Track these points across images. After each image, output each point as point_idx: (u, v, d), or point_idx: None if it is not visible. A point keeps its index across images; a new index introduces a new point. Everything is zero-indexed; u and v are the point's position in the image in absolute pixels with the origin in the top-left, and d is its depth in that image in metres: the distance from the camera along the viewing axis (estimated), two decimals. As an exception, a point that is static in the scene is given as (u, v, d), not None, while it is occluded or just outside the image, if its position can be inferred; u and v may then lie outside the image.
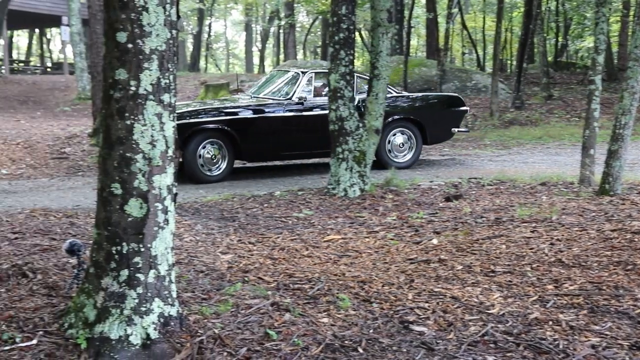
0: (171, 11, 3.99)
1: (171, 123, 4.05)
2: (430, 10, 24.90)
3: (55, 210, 7.46)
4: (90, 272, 4.19)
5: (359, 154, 8.74)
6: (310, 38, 46.08)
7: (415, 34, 39.11)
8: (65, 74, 31.10)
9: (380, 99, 8.96)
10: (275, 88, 11.41)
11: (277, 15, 40.79)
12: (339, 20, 8.66)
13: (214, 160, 10.25)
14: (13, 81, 26.99)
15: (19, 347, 4.04)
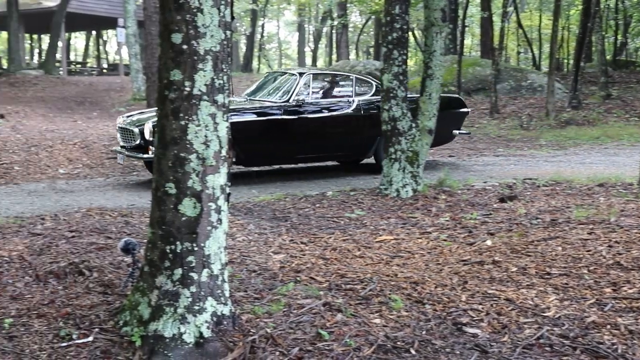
0: (225, 12, 4.01)
1: (225, 123, 4.08)
2: (485, 9, 24.65)
3: (110, 210, 7.57)
4: (144, 270, 4.25)
5: (411, 154, 8.69)
6: (362, 38, 45.98)
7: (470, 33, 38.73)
8: (121, 75, 31.57)
9: (433, 99, 8.89)
10: (272, 90, 11.11)
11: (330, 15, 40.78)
12: (392, 19, 8.62)
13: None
14: (70, 82, 27.49)
15: (76, 343, 4.11)
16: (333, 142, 10.74)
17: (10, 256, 5.55)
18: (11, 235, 6.26)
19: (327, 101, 10.90)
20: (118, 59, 37.95)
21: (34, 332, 4.25)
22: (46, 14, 31.57)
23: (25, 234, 6.30)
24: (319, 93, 11.15)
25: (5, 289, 4.90)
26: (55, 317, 4.43)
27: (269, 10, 46.89)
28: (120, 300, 4.60)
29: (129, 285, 4.83)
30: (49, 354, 4.01)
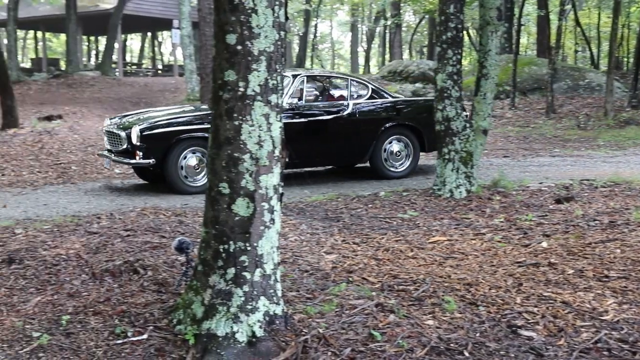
0: (280, 13, 4.02)
1: (278, 123, 4.09)
2: (541, 7, 24.31)
3: (164, 209, 7.66)
4: (198, 269, 4.28)
5: (465, 154, 8.60)
6: (416, 38, 45.78)
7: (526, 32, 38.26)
8: (175, 75, 31.96)
9: (488, 98, 8.79)
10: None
11: (383, 15, 40.69)
12: (446, 19, 8.55)
13: (196, 170, 9.47)
14: (126, 83, 27.94)
15: (131, 341, 4.16)
16: (327, 147, 10.35)
17: (68, 254, 5.65)
18: (68, 234, 6.38)
19: (321, 104, 10.52)
20: (172, 60, 38.42)
21: (90, 329, 4.32)
22: (103, 16, 32.13)
23: (82, 233, 6.41)
24: (313, 96, 10.87)
25: (62, 287, 4.99)
26: (111, 314, 4.50)
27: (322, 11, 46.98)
28: (174, 299, 4.65)
29: (183, 284, 4.87)
30: (104, 351, 4.07)
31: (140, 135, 9.10)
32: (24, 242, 6.06)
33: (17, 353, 4.05)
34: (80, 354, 4.04)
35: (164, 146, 9.21)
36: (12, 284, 5.10)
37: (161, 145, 9.17)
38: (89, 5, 33.66)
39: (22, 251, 5.71)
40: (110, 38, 31.53)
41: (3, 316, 4.54)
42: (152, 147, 9.15)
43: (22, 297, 4.86)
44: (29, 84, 27.76)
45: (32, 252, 5.69)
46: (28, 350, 4.07)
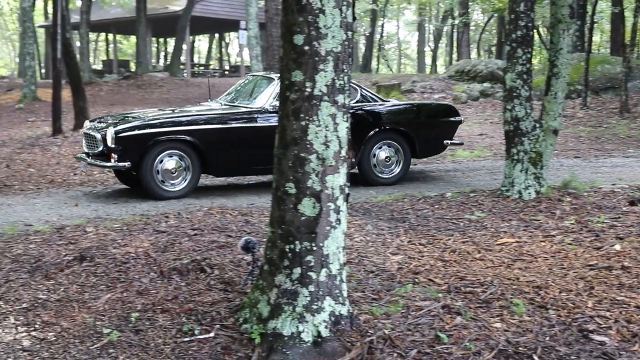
0: (347, 13, 4.01)
1: (345, 124, 4.08)
2: (616, 4, 23.72)
3: (231, 209, 7.72)
4: (264, 269, 4.30)
5: (534, 155, 8.44)
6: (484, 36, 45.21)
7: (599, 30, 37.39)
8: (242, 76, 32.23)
9: (559, 98, 8.61)
10: (249, 95, 10.23)
11: (451, 14, 40.34)
12: (516, 17, 8.41)
13: (173, 174, 9.05)
14: (194, 84, 28.29)
15: (198, 339, 4.21)
16: None
17: (137, 252, 5.75)
18: (137, 232, 6.48)
19: None
20: (239, 60, 38.79)
21: (158, 326, 4.38)
22: (172, 18, 32.65)
23: (151, 231, 6.51)
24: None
25: (131, 284, 5.08)
26: (179, 312, 4.56)
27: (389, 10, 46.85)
28: (240, 298, 4.68)
29: (249, 283, 4.90)
30: (172, 348, 4.12)
31: (115, 137, 8.72)
32: (95, 240, 6.18)
33: (89, 349, 4.13)
34: (148, 351, 4.10)
35: (140, 149, 8.82)
36: (84, 281, 5.21)
37: (137, 148, 8.81)
38: (159, 8, 34.25)
39: (93, 249, 5.83)
40: (179, 39, 32.00)
41: (75, 312, 4.64)
42: (128, 150, 8.78)
43: (93, 294, 4.96)
44: (100, 85, 28.39)
45: (102, 250, 5.80)
46: (98, 346, 4.16)
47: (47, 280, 5.24)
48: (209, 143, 9.13)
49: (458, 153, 13.22)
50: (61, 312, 4.67)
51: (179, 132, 9.02)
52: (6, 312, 4.67)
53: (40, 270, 5.47)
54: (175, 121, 9.25)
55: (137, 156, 8.79)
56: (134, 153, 8.79)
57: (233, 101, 10.13)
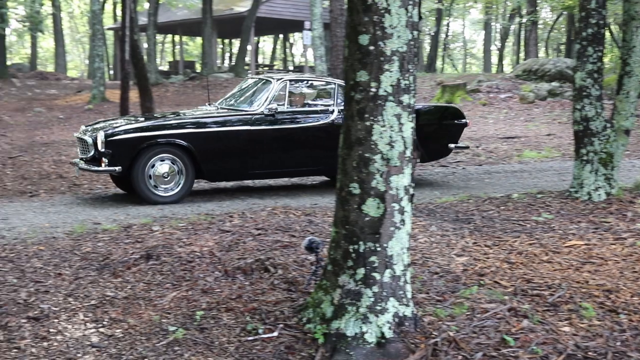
0: (413, 12, 3.98)
1: (410, 124, 4.05)
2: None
3: (294, 208, 7.75)
4: (327, 269, 4.30)
5: (605, 155, 8.25)
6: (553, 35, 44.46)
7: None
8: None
9: (631, 97, 8.39)
10: (246, 98, 9.95)
11: (519, 12, 39.74)
12: (587, 15, 8.23)
13: (166, 179, 8.83)
14: (259, 84, 28.45)
15: (262, 338, 4.23)
16: (308, 156, 9.60)
17: (202, 251, 5.81)
18: (202, 232, 6.55)
19: (304, 110, 9.75)
20: (303, 61, 38.94)
21: (222, 325, 4.42)
22: (237, 19, 32.94)
23: (215, 231, 6.57)
24: (295, 101, 10.16)
25: (197, 283, 5.13)
26: (242, 311, 4.59)
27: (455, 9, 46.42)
28: (304, 298, 4.69)
29: (312, 283, 4.91)
30: (236, 347, 4.15)
31: (106, 140, 8.56)
32: (161, 239, 6.27)
33: (155, 346, 4.19)
34: (213, 349, 4.14)
35: (131, 153, 8.65)
36: (150, 279, 5.29)
37: (127, 152, 8.64)
38: (224, 9, 34.60)
39: (159, 248, 5.92)
40: (244, 40, 32.27)
41: (141, 310, 4.71)
42: (119, 154, 8.60)
43: (159, 292, 5.03)
44: (166, 86, 28.84)
45: (168, 249, 5.88)
46: (164, 344, 4.21)
47: (114, 278, 5.34)
48: (202, 147, 8.93)
49: (525, 153, 13.03)
50: (128, 309, 4.75)
51: (170, 135, 8.84)
52: (76, 308, 4.77)
53: (108, 267, 5.57)
54: (166, 125, 9.04)
55: (128, 160, 8.62)
56: (125, 157, 8.62)
57: (230, 104, 9.88)
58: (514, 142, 14.73)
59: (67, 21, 56.56)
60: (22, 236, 6.80)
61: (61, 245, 6.31)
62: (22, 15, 37.51)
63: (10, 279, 5.32)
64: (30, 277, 5.39)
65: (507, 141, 14.86)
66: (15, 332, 4.39)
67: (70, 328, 4.47)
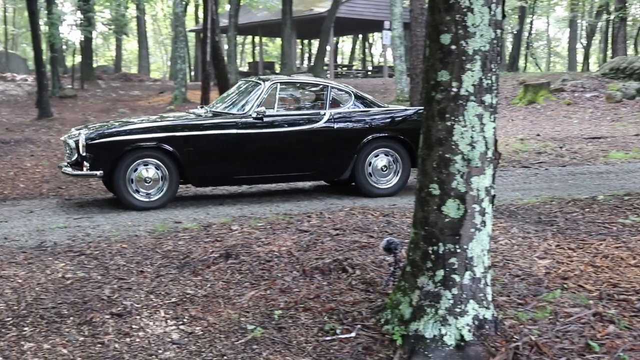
0: (497, 10, 3.92)
1: (492, 124, 3.99)
2: None
3: (372, 209, 7.72)
4: (406, 270, 4.27)
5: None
6: (643, 32, 43.10)
7: None
8: (385, 76, 32.28)
9: None
10: (235, 101, 9.59)
11: (606, 9, 38.70)
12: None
13: (148, 184, 8.56)
14: (338, 84, 28.50)
15: (339, 338, 4.23)
16: (297, 161, 9.23)
17: (280, 251, 5.84)
18: (281, 231, 6.59)
19: (293, 113, 9.46)
20: (382, 61, 38.84)
21: (300, 324, 4.43)
22: (317, 19, 33.09)
23: (293, 231, 6.60)
24: (285, 104, 9.89)
25: (275, 282, 5.16)
26: (320, 311, 4.59)
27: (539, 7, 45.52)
28: (382, 299, 4.67)
29: (391, 284, 4.88)
30: (314, 347, 4.16)
31: (86, 144, 8.36)
32: (240, 239, 6.33)
33: (233, 344, 4.23)
34: (291, 348, 4.15)
35: (112, 157, 8.42)
36: (229, 277, 5.34)
37: (108, 156, 8.41)
38: (304, 10, 34.81)
39: (238, 247, 5.98)
40: (323, 41, 32.39)
41: (220, 308, 4.77)
42: (99, 158, 8.40)
43: (238, 290, 5.08)
44: (246, 86, 29.12)
45: (247, 248, 5.93)
46: (243, 342, 4.25)
47: (194, 276, 5.41)
48: (186, 151, 8.65)
49: (611, 154, 12.67)
50: (208, 307, 4.81)
51: (152, 139, 8.57)
52: (157, 305, 4.85)
53: (188, 266, 5.66)
54: (148, 128, 8.80)
55: (109, 164, 8.41)
56: (106, 161, 8.41)
57: (221, 107, 9.54)
58: (600, 143, 14.34)
59: (151, 24, 57.86)
60: (106, 234, 6.97)
61: (143, 243, 6.44)
62: (108, 18, 38.57)
63: (94, 276, 5.46)
64: (114, 274, 5.52)
65: (593, 141, 14.48)
66: (99, 328, 4.49)
67: (152, 325, 4.55)
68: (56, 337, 4.37)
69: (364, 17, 33.79)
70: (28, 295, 5.00)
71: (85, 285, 5.25)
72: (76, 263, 5.83)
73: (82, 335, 4.41)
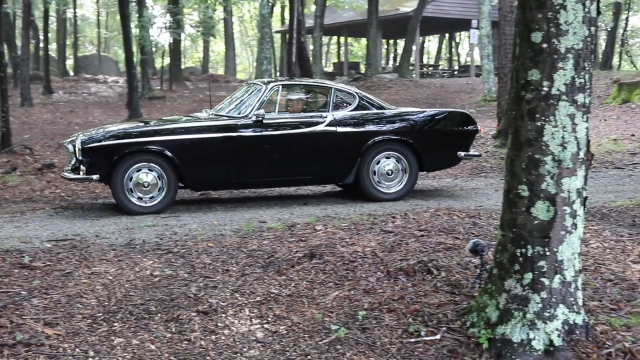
0: (591, 7, 3.81)
1: (584, 124, 3.89)
2: None
3: (458, 210, 7.61)
4: (493, 273, 4.20)
5: None
6: None
7: None
8: (472, 76, 31.87)
9: None
10: (237, 104, 9.39)
11: None
12: None
13: (146, 188, 8.43)
14: (422, 85, 28.35)
15: (424, 340, 4.19)
16: (297, 164, 9.04)
17: (364, 252, 5.82)
18: (365, 232, 6.56)
19: (295, 116, 9.31)
20: (469, 60, 38.38)
21: (384, 325, 4.41)
22: (403, 19, 32.94)
23: (378, 231, 6.57)
24: (287, 107, 9.63)
25: (359, 283, 5.15)
26: (404, 313, 4.56)
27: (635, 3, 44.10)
28: (468, 301, 4.60)
29: (477, 286, 4.81)
30: (398, 348, 4.13)
31: (82, 148, 8.28)
32: (324, 239, 6.34)
33: (317, 344, 4.24)
34: (374, 349, 4.13)
35: (108, 160, 8.32)
36: (313, 277, 5.35)
37: (104, 160, 8.32)
38: (390, 9, 34.70)
39: (322, 247, 5.98)
40: (409, 40, 32.22)
41: (304, 308, 4.78)
42: (96, 162, 8.31)
43: (322, 290, 5.08)
44: (331, 87, 29.20)
45: (331, 248, 5.93)
46: (327, 342, 4.25)
47: (279, 276, 5.45)
48: (184, 155, 8.53)
49: None
50: (292, 306, 4.83)
51: (149, 143, 8.45)
52: (242, 304, 4.90)
53: (272, 265, 5.70)
54: (145, 132, 8.68)
55: (106, 168, 8.34)
56: (102, 165, 8.33)
57: (222, 111, 9.39)
58: (700, 143, 13.81)
59: (237, 25, 58.71)
60: (192, 233, 7.09)
61: (229, 242, 6.52)
62: (196, 20, 39.30)
63: (181, 274, 5.56)
64: (200, 272, 5.60)
65: (690, 142, 13.95)
66: (185, 325, 4.57)
67: (237, 323, 4.60)
68: (144, 333, 4.46)
69: (450, 16, 33.41)
70: (118, 292, 5.13)
71: (172, 282, 5.34)
72: (164, 261, 5.95)
73: (169, 332, 4.49)
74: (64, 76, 39.63)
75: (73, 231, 7.30)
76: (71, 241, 6.70)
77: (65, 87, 32.79)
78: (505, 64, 14.37)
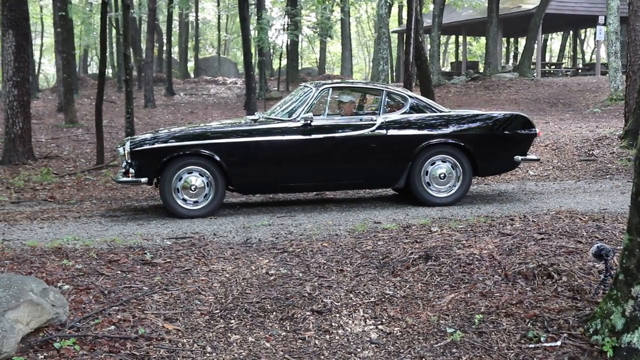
0: None
1: None
2: None
3: (581, 213, 7.35)
4: (619, 278, 4.01)
5: None
6: None
7: None
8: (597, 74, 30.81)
9: None
10: (287, 107, 9.22)
11: None
12: None
13: (193, 191, 8.42)
14: (544, 84, 27.62)
15: (543, 346, 4.06)
16: (346, 168, 8.86)
17: (481, 254, 5.68)
18: (482, 234, 6.42)
19: (344, 119, 9.00)
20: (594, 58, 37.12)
21: (502, 330, 4.29)
22: (524, 16, 32.17)
23: (495, 234, 6.41)
24: (337, 110, 9.23)
25: (475, 286, 5.03)
26: (523, 317, 4.42)
27: None
28: (590, 307, 4.42)
29: (601, 292, 4.62)
30: (516, 354, 4.02)
31: (131, 151, 8.36)
32: (440, 240, 6.24)
33: (432, 346, 4.17)
34: (491, 354, 4.03)
35: (156, 164, 8.35)
36: (428, 279, 5.27)
37: (153, 163, 8.36)
38: (511, 7, 33.96)
39: (437, 249, 5.89)
40: (530, 38, 31.42)
41: (419, 310, 4.71)
42: (144, 165, 8.36)
43: (437, 293, 5.00)
44: (448, 87, 28.95)
45: (446, 250, 5.83)
46: (442, 345, 4.17)
47: (393, 277, 5.39)
48: (230, 158, 8.46)
49: None
50: (406, 308, 4.77)
51: (197, 146, 8.44)
52: (356, 304, 4.88)
53: (387, 266, 5.65)
54: (193, 135, 8.69)
55: (154, 171, 8.39)
56: (150, 168, 8.37)
57: (273, 114, 9.26)
58: None
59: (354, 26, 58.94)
60: (307, 232, 7.13)
61: (343, 242, 6.52)
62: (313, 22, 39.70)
63: (296, 273, 5.59)
64: (315, 272, 5.62)
65: None
66: (300, 324, 4.59)
67: (351, 323, 4.58)
68: (260, 330, 4.51)
69: (575, 13, 32.34)
70: (234, 290, 5.21)
71: (287, 281, 5.38)
72: (279, 260, 6.00)
73: (284, 330, 4.52)
74: (185, 78, 40.94)
75: (192, 229, 7.48)
76: (190, 239, 6.86)
77: (186, 88, 33.83)
78: (635, 62, 13.83)
